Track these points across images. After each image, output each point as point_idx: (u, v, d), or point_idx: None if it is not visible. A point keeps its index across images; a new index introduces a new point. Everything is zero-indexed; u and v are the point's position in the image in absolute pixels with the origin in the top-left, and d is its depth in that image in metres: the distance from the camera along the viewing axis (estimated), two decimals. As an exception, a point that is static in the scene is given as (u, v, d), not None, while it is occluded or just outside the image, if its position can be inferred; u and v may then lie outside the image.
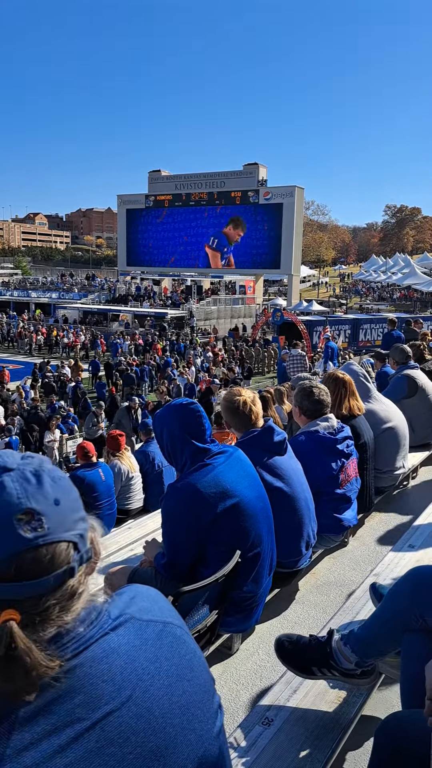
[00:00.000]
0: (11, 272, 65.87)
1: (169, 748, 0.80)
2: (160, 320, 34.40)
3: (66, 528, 0.81)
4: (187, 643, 0.93)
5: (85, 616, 0.83)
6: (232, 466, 2.21)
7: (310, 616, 2.72)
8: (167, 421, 2.24)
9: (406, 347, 5.56)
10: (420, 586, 1.54)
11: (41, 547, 0.77)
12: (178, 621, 0.95)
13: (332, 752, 1.65)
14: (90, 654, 0.79)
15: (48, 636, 0.77)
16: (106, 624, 0.84)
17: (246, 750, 1.64)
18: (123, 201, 45.23)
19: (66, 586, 0.80)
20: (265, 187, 38.88)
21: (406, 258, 58.86)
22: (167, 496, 2.18)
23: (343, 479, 3.10)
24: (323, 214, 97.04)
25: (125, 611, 0.88)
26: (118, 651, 0.82)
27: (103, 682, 0.78)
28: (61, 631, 0.79)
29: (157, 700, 0.82)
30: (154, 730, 0.80)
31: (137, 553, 3.61)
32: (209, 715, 0.90)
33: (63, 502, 0.83)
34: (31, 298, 44.73)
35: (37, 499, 0.80)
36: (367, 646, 1.69)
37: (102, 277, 55.38)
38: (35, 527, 0.77)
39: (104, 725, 0.76)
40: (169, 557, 2.18)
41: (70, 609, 0.81)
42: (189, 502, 2.09)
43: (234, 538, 2.14)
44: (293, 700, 1.84)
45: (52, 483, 0.83)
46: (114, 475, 5.95)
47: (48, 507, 0.80)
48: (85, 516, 0.88)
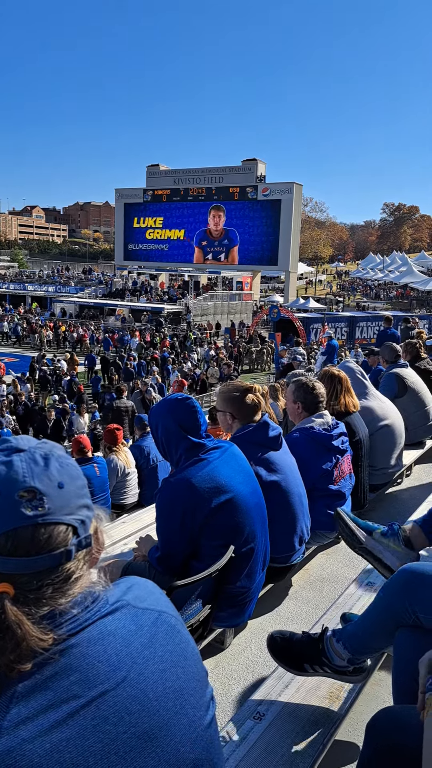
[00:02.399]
0: (8, 265, 65.47)
1: (162, 730, 0.82)
2: (157, 315, 34.32)
3: (67, 512, 0.84)
4: (181, 632, 0.94)
5: (81, 600, 0.84)
6: (226, 461, 2.21)
7: (302, 612, 2.73)
8: (162, 415, 2.24)
9: (396, 346, 5.53)
10: (412, 582, 1.54)
11: (39, 526, 0.81)
12: (172, 611, 0.96)
13: (323, 747, 1.66)
14: (86, 635, 0.81)
15: (40, 614, 0.80)
16: (104, 608, 0.86)
17: (237, 744, 1.65)
18: (121, 195, 45.02)
19: (62, 569, 0.83)
20: (264, 184, 38.78)
21: (404, 256, 59.00)
22: (162, 491, 2.18)
23: (337, 476, 3.10)
24: (321, 211, 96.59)
25: (122, 598, 0.90)
26: (114, 634, 0.84)
27: (98, 662, 0.80)
28: (54, 611, 0.81)
29: (151, 683, 0.83)
30: (148, 711, 0.81)
31: (132, 547, 3.61)
32: (202, 704, 0.91)
33: (67, 486, 0.86)
34: (27, 291, 44.54)
35: (41, 480, 0.83)
36: (360, 642, 1.70)
37: (99, 271, 55.13)
38: (36, 506, 0.81)
39: (99, 704, 0.77)
40: (163, 551, 2.18)
41: (65, 592, 0.83)
42: (183, 496, 2.09)
43: (228, 533, 2.14)
44: (285, 694, 1.85)
45: (59, 467, 0.86)
46: (110, 470, 5.94)
47: (51, 489, 0.83)
48: (90, 504, 0.91)
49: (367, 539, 2.07)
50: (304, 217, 69.68)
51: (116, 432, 6.32)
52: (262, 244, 38.98)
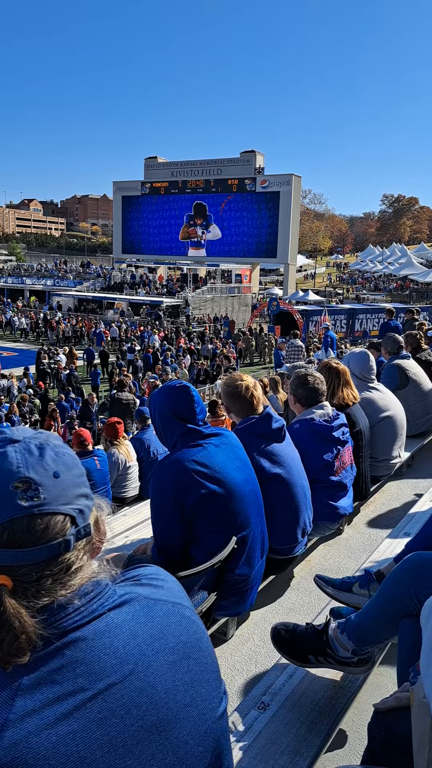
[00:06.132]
0: (5, 259, 65.28)
1: (171, 723, 0.81)
2: (156, 308, 34.22)
3: (64, 501, 0.83)
4: (195, 623, 0.93)
5: (85, 592, 0.83)
6: (221, 448, 2.22)
7: (305, 603, 2.73)
8: (159, 401, 2.27)
9: (398, 337, 5.52)
10: (417, 571, 1.54)
11: (36, 517, 0.80)
12: (187, 603, 0.95)
13: (327, 736, 1.66)
14: (93, 627, 0.81)
15: (39, 605, 0.79)
16: (112, 600, 0.85)
17: (242, 734, 1.65)
18: (119, 188, 44.76)
19: (61, 560, 0.82)
20: (262, 175, 38.56)
21: (403, 248, 58.72)
22: (155, 472, 2.20)
23: (339, 466, 3.10)
24: (320, 203, 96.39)
25: (133, 590, 0.89)
26: (121, 626, 0.83)
27: (105, 655, 0.79)
28: (55, 603, 0.80)
29: (160, 675, 0.83)
30: (156, 704, 0.80)
31: (133, 539, 3.62)
32: (214, 696, 0.90)
33: (63, 475, 0.84)
34: (25, 285, 44.36)
35: (36, 470, 0.82)
36: (365, 632, 1.70)
37: (97, 264, 54.94)
38: (31, 496, 0.80)
39: (106, 696, 0.77)
40: (158, 538, 2.20)
41: (65, 583, 0.82)
42: (176, 478, 2.10)
43: (221, 519, 2.15)
44: (289, 685, 1.85)
45: (55, 457, 0.85)
46: (111, 463, 5.95)
47: (46, 478, 0.82)
48: (88, 494, 0.89)
49: (349, 597, 2.14)
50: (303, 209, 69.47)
51: (117, 425, 6.32)
52: (261, 237, 38.84)
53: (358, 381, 3.98)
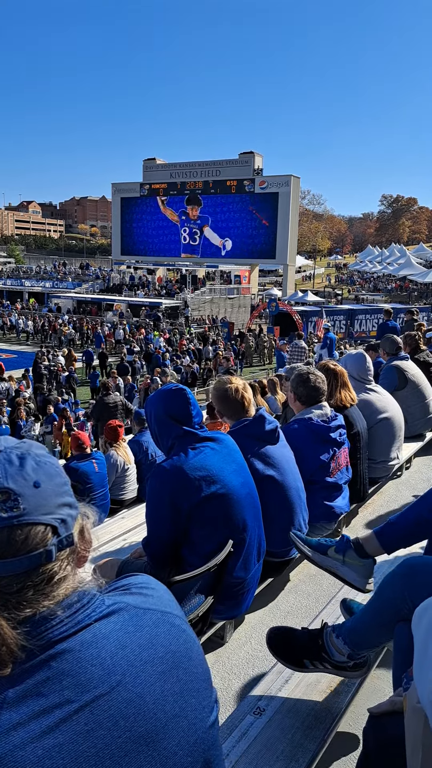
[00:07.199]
0: (4, 261, 65.26)
1: (159, 734, 0.80)
2: (155, 310, 34.22)
3: (45, 511, 0.82)
4: (186, 632, 0.92)
5: (70, 603, 0.82)
6: (218, 451, 2.21)
7: (302, 606, 2.73)
8: (155, 404, 2.26)
9: (397, 338, 5.52)
10: (413, 575, 1.53)
11: (15, 528, 0.78)
12: (177, 611, 0.94)
13: (323, 742, 1.65)
14: (79, 638, 0.80)
15: (21, 617, 0.78)
16: (99, 610, 0.84)
17: (237, 739, 1.64)
18: (117, 189, 44.83)
19: (43, 570, 0.81)
20: (261, 176, 38.61)
21: (402, 248, 58.80)
22: (152, 476, 2.19)
23: (334, 468, 3.09)
24: (319, 204, 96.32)
25: (122, 599, 0.88)
26: (109, 637, 0.82)
27: (92, 666, 0.78)
28: (37, 614, 0.79)
29: (149, 685, 0.81)
30: (145, 715, 0.79)
31: (131, 542, 3.60)
32: (204, 705, 0.89)
33: (44, 485, 0.83)
34: (24, 287, 44.37)
35: (15, 480, 0.81)
36: (360, 637, 1.69)
37: (96, 266, 54.95)
38: (10, 507, 0.79)
39: (93, 708, 0.76)
40: (151, 539, 2.19)
41: (48, 593, 0.81)
42: (173, 482, 2.09)
43: (218, 522, 2.14)
44: (285, 690, 1.84)
45: (35, 466, 0.84)
46: (109, 466, 5.93)
47: (26, 488, 0.81)
48: (72, 502, 0.88)
49: (323, 559, 2.08)
50: (302, 210, 69.51)
51: (118, 429, 6.31)
52: (260, 237, 38.86)
53: (355, 382, 3.97)
